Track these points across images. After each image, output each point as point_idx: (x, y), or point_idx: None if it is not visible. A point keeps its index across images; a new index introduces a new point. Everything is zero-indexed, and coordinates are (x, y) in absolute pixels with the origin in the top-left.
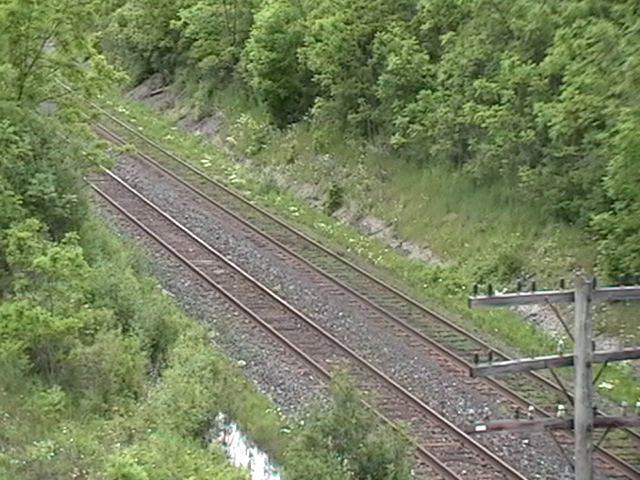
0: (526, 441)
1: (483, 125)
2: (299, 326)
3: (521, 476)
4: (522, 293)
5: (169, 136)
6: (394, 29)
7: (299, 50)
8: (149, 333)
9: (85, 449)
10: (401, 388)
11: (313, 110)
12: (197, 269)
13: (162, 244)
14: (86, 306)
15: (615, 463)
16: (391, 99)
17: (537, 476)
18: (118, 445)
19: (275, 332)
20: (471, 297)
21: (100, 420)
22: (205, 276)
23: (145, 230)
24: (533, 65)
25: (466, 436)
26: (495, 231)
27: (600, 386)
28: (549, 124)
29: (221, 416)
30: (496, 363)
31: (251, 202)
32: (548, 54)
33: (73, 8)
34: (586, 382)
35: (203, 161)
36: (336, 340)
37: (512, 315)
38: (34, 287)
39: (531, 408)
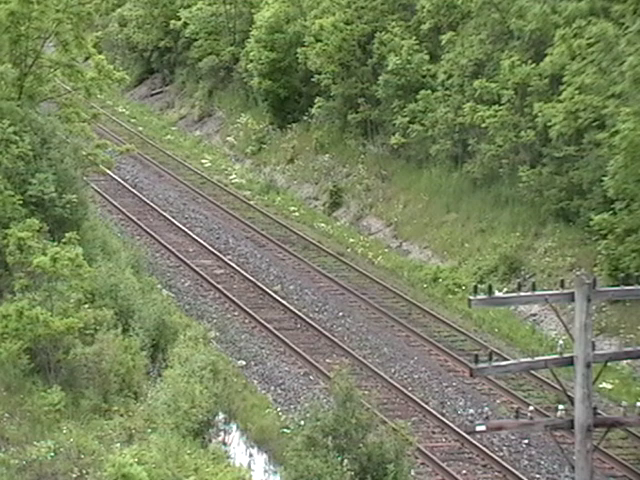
0: (526, 441)
1: (483, 125)
2: (299, 326)
3: (521, 476)
4: (522, 293)
5: (169, 136)
6: (394, 29)
7: (299, 50)
8: (149, 333)
9: (85, 449)
10: (401, 388)
11: (313, 110)
12: (197, 269)
13: (162, 244)
14: (86, 306)
15: (615, 463)
16: (391, 99)
17: (537, 476)
18: (118, 445)
19: (275, 332)
20: (471, 297)
21: (100, 420)
22: (205, 276)
23: (145, 230)
24: (533, 65)
25: (466, 436)
26: (495, 231)
27: (600, 386)
28: (549, 124)
29: (221, 416)
30: (496, 363)
31: (251, 202)
32: (548, 54)
33: (73, 8)
34: (586, 382)
35: (203, 161)
36: (336, 340)
37: (512, 315)
38: (34, 287)
39: (531, 408)
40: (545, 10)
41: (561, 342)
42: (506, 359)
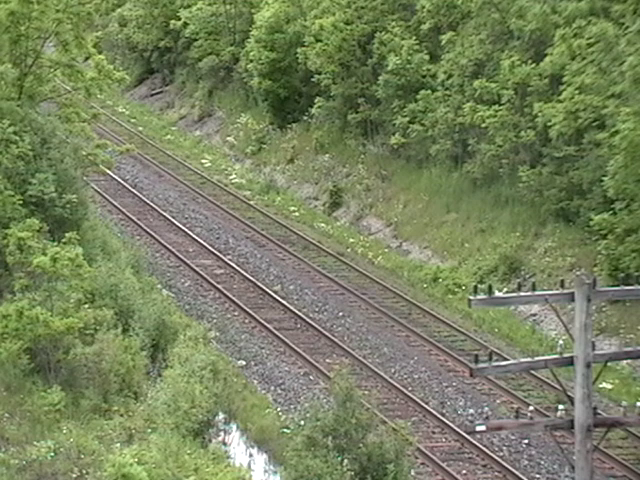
0: (526, 441)
1: (483, 125)
2: (299, 326)
3: (521, 476)
4: (522, 293)
5: (169, 136)
6: (394, 29)
7: (299, 50)
8: (149, 333)
9: (85, 449)
10: (401, 388)
11: (313, 110)
12: (197, 269)
13: (162, 244)
14: (86, 306)
15: (615, 463)
16: (391, 99)
17: (537, 476)
18: (118, 445)
19: (275, 332)
20: (471, 297)
21: (100, 420)
22: (205, 276)
23: (145, 230)
24: (533, 65)
25: (466, 436)
26: (495, 231)
27: (600, 386)
28: (549, 124)
29: (221, 416)
30: (496, 363)
31: (251, 202)
32: (548, 54)
33: (73, 8)
34: (586, 382)
35: (203, 161)
36: (336, 340)
37: (512, 315)
38: (34, 287)
39: (531, 408)
40: (545, 10)
41: (561, 342)
42: (506, 359)
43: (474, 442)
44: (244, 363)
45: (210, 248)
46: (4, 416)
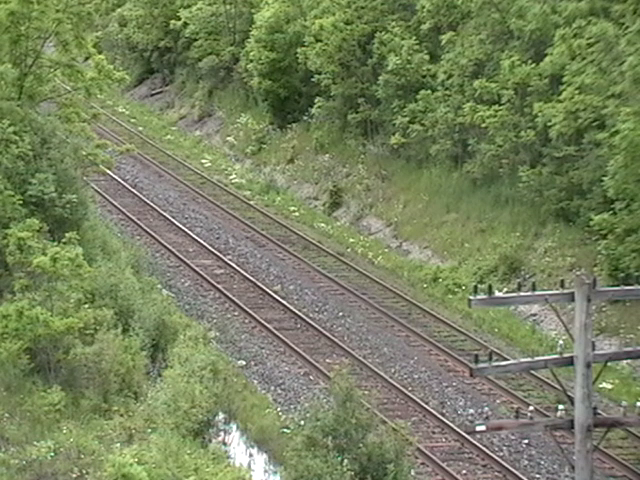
0: (526, 441)
1: (483, 125)
2: (299, 326)
3: (521, 476)
4: (522, 293)
5: (169, 136)
6: (394, 29)
7: (299, 50)
8: (149, 333)
9: (85, 449)
10: (401, 388)
11: (313, 110)
12: (197, 269)
13: (162, 244)
14: (86, 306)
15: (615, 463)
16: (391, 99)
17: (537, 476)
18: (118, 445)
19: (275, 332)
20: (471, 297)
21: (100, 420)
22: (205, 276)
23: (145, 230)
24: (533, 65)
25: (466, 436)
26: (495, 231)
27: (600, 386)
28: (549, 124)
29: (221, 416)
30: (496, 363)
31: (251, 202)
32: (548, 54)
33: (73, 8)
34: (586, 382)
35: (203, 161)
36: (336, 340)
37: (512, 315)
38: (34, 287)
39: (531, 408)
40: (545, 10)
41: (561, 342)
42: (506, 359)
43: (474, 442)
44: (244, 363)
45: (210, 248)
46: (4, 416)
